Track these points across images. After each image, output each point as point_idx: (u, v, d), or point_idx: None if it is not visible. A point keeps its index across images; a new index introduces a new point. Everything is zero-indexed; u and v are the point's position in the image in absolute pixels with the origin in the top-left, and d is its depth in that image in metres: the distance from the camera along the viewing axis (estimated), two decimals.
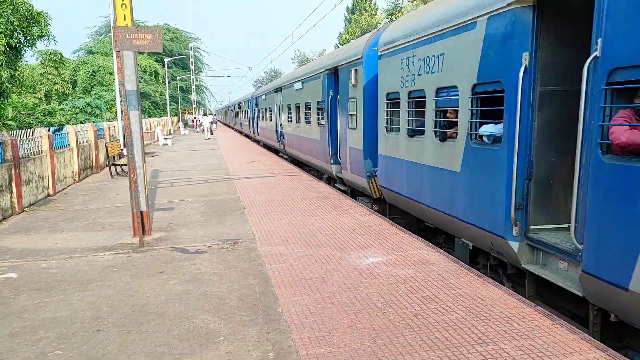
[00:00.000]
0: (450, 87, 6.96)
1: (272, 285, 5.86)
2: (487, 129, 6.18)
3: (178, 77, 62.88)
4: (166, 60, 52.23)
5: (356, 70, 10.91)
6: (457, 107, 6.76)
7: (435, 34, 7.29)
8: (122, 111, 14.76)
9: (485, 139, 6.22)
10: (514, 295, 5.36)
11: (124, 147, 18.84)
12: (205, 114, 53.03)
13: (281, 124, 21.63)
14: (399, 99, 8.73)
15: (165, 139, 33.57)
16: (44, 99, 35.03)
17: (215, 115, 68.86)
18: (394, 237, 7.88)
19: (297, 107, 18.01)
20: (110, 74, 39.04)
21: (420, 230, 9.35)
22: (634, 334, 4.62)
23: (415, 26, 8.05)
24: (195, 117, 58.61)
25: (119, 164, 17.48)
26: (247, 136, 39.40)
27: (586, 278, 4.65)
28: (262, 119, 28.17)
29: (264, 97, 27.47)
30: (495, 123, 6.07)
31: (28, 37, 14.77)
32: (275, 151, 24.04)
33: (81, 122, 30.26)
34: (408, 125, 8.38)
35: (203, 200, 11.64)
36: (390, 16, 50.82)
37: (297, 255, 7.05)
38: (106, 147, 17.29)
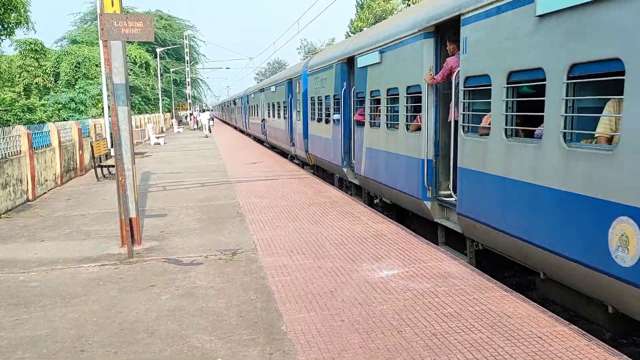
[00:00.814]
0: (328, 95, 14.87)
1: (276, 300, 5.88)
2: (335, 116, 14.14)
3: (171, 69, 63.20)
4: (158, 50, 52.53)
5: (299, 82, 19.02)
6: (330, 106, 14.78)
7: (323, 67, 15.37)
8: (109, 107, 14.87)
9: (335, 121, 14.06)
10: (545, 313, 5.34)
11: (112, 146, 18.96)
12: (203, 110, 53.29)
13: (263, 119, 29.74)
14: (314, 100, 16.88)
15: (157, 137, 33.75)
16: (23, 93, 35.32)
17: (212, 111, 69.09)
18: (411, 247, 7.88)
19: (273, 105, 25.74)
20: (97, 65, 39.26)
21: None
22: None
23: (319, 60, 16.37)
24: (191, 114, 58.99)
25: (105, 166, 17.59)
26: (241, 131, 47.40)
27: (359, 176, 12.37)
28: (252, 115, 36.55)
29: (252, 95, 36.11)
30: (339, 113, 13.80)
31: (5, 25, 14.92)
32: (261, 142, 31.98)
33: (64, 119, 30.47)
34: (318, 116, 16.40)
35: (199, 206, 11.69)
36: (406, 0, 50.82)
37: (303, 267, 7.06)
38: (92, 147, 17.41)
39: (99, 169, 17.33)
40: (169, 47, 59.93)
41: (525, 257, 6.29)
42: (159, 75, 52.23)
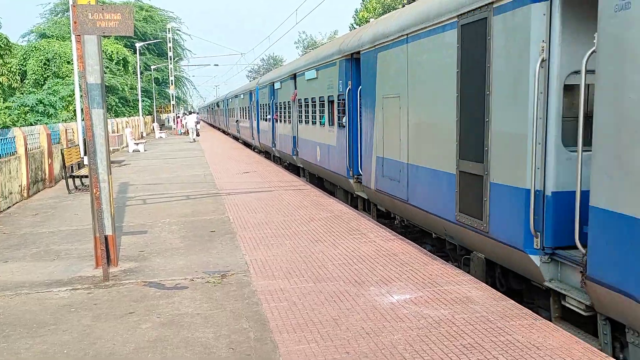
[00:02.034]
0: (267, 103, 27.06)
1: (271, 330, 5.86)
2: (268, 116, 26.89)
3: (153, 67, 63.45)
4: (138, 45, 52.79)
5: (254, 93, 31.18)
6: (267, 110, 27.19)
7: (264, 85, 28.18)
8: (82, 110, 14.89)
9: (269, 119, 26.71)
10: (579, 344, 5.31)
11: (85, 154, 18.98)
12: (190, 112, 53.64)
13: (237, 120, 42.54)
14: (262, 106, 29.30)
15: (137, 144, 33.82)
16: None
17: (198, 113, 69.47)
18: (425, 268, 7.86)
19: (243, 109, 38.56)
20: (69, 63, 39.44)
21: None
22: None
23: (263, 80, 29.58)
24: (178, 116, 59.21)
25: (78, 176, 17.60)
26: (223, 131, 58.83)
27: (277, 151, 25.81)
28: (230, 116, 49.42)
29: (231, 100, 49.26)
30: (270, 114, 26.57)
31: None
32: (236, 138, 44.37)
33: (31, 124, 30.50)
34: (264, 117, 27.99)
35: (184, 222, 11.69)
36: None
37: (302, 291, 7.05)
38: (62, 155, 17.44)
39: (70, 180, 17.34)
40: (150, 42, 60.13)
41: (301, 164, 20.10)
42: (138, 74, 52.43)
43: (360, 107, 12.69)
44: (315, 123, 16.83)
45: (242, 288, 7.27)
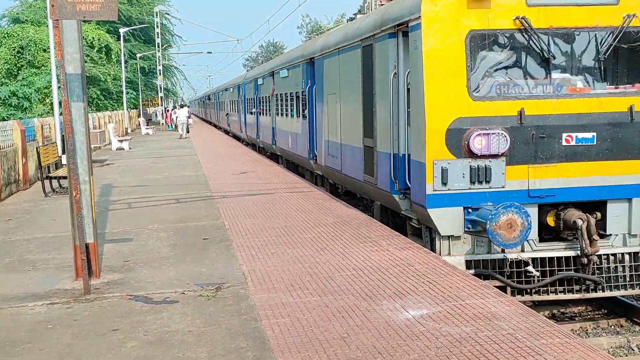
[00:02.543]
0: (252, 98, 31.95)
1: (272, 349, 5.85)
2: (253, 110, 32.19)
3: (138, 55, 63.51)
4: (122, 31, 52.84)
5: (241, 87, 37.21)
6: (253, 104, 32.28)
7: (250, 80, 33.12)
8: (60, 103, 14.91)
9: (254, 112, 32.32)
10: None
11: (63, 153, 19.01)
12: (181, 106, 53.74)
13: (227, 113, 47.53)
14: (248, 100, 34.15)
15: (121, 141, 33.90)
16: None
17: (189, 107, 69.57)
18: (444, 280, 7.84)
19: (232, 102, 43.66)
20: (45, 51, 39.53)
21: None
22: None
23: (249, 75, 35.63)
24: (167, 110, 59.24)
25: (56, 177, 17.62)
26: (215, 125, 63.54)
27: (261, 141, 31.13)
28: (221, 110, 54.95)
29: (221, 93, 55.15)
30: (254, 108, 31.39)
31: None
32: (227, 132, 49.13)
33: (4, 119, 30.59)
34: (249, 110, 33.35)
35: (173, 228, 11.70)
36: None
37: (306, 306, 7.03)
38: (38, 154, 17.46)
39: (47, 182, 17.37)
40: (136, 27, 60.22)
41: (279, 152, 24.92)
42: (122, 63, 52.50)
43: (315, 102, 17.29)
44: (288, 115, 21.67)
45: (239, 302, 7.26)
